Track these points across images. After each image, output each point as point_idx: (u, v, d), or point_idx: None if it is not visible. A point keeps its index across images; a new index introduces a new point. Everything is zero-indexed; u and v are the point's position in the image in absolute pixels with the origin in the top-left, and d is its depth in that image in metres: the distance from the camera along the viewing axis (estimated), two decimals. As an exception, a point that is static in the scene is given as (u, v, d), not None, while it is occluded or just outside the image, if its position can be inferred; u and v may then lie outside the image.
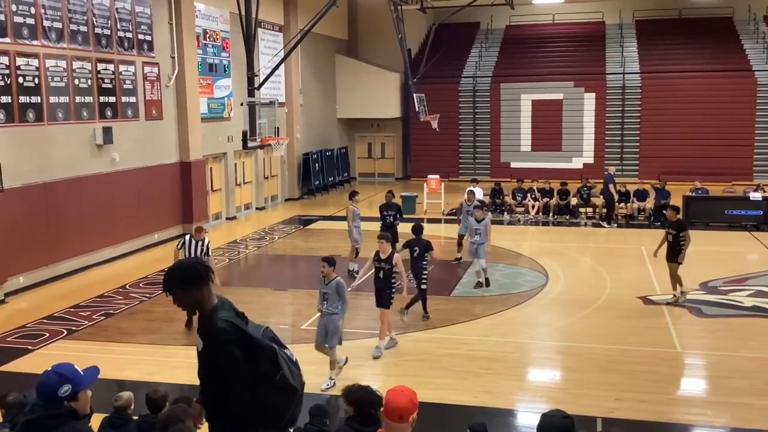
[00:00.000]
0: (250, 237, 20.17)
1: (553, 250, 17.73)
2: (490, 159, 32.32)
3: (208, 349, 3.96)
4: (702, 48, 31.40)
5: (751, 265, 16.30)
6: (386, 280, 10.57)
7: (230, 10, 21.30)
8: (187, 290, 3.95)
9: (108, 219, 16.58)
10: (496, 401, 8.94)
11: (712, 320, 12.12)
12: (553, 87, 31.37)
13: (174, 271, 4.02)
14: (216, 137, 21.65)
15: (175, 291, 3.96)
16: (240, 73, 21.38)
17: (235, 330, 3.92)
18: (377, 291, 10.70)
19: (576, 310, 12.72)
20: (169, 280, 3.98)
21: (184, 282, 3.95)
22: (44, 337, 11.47)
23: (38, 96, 14.55)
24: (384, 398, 3.69)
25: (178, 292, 3.96)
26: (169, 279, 3.98)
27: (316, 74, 29.55)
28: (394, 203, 15.65)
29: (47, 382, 3.53)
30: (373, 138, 34.15)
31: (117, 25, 16.92)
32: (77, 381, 3.57)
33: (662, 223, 20.80)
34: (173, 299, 4.01)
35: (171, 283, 3.96)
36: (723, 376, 9.70)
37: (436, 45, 30.19)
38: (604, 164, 28.88)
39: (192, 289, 3.95)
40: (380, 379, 9.45)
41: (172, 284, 3.96)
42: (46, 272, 14.79)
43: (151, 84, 18.33)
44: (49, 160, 14.89)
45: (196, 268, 4.00)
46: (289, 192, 27.15)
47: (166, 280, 3.99)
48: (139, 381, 9.27)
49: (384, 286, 10.61)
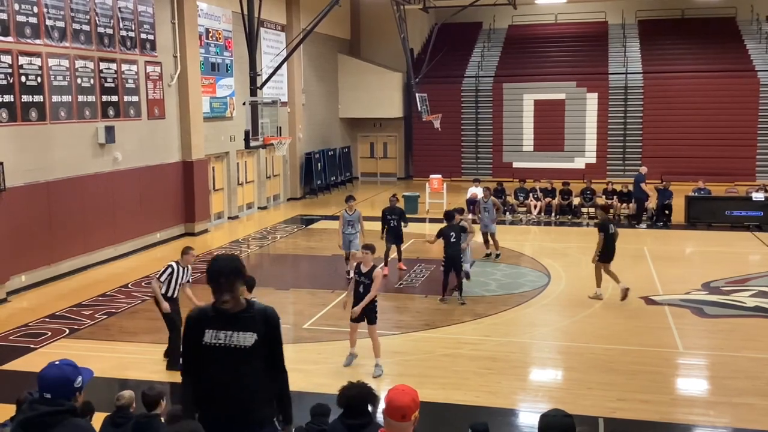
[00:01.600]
0: (252, 236, 20.18)
1: (555, 250, 17.72)
2: (492, 159, 32.31)
3: (269, 330, 4.29)
4: (705, 48, 31.36)
5: (753, 265, 16.27)
6: (366, 294, 9.69)
7: (233, 10, 21.32)
8: (240, 282, 4.23)
9: (110, 218, 16.60)
10: (497, 401, 8.93)
11: (714, 320, 12.10)
12: (556, 87, 31.35)
13: (235, 266, 4.23)
14: (218, 137, 21.66)
15: (235, 282, 4.18)
16: (242, 72, 21.39)
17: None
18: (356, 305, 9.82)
19: (578, 310, 12.71)
20: (233, 272, 4.19)
21: (241, 274, 4.23)
22: (46, 336, 11.48)
23: (41, 95, 14.57)
24: (386, 397, 3.69)
25: (237, 283, 4.20)
26: (232, 272, 4.19)
27: (318, 74, 29.55)
28: (398, 207, 15.64)
29: (62, 374, 3.51)
30: (376, 138, 34.15)
31: (119, 24, 16.93)
32: (85, 374, 3.59)
33: (664, 223, 20.85)
34: (228, 294, 4.18)
35: (236, 277, 4.18)
36: (725, 376, 9.69)
37: (438, 45, 30.20)
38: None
39: (240, 281, 4.24)
40: (382, 379, 9.45)
41: (237, 277, 4.19)
42: (48, 271, 14.80)
43: (154, 83, 18.34)
44: (52, 160, 14.90)
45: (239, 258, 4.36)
46: (291, 191, 27.16)
47: (228, 272, 4.17)
48: (141, 380, 9.27)
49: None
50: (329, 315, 12.37)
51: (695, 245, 18.82)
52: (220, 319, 4.24)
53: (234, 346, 4.21)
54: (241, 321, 4.24)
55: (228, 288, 4.16)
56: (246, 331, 4.22)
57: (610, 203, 21.76)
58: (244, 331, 4.21)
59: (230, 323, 4.23)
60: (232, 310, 4.23)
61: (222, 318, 4.24)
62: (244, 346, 4.21)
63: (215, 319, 4.25)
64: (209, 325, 4.25)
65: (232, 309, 4.24)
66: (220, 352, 4.22)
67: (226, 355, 4.22)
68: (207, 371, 4.29)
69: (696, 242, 19.10)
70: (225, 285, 4.16)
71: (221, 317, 4.24)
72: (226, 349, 4.22)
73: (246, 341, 4.21)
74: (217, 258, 4.31)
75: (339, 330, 10.71)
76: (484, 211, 16.50)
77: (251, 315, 4.26)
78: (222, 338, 4.22)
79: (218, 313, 4.25)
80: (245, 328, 4.22)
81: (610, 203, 21.76)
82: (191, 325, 4.36)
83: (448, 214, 13.54)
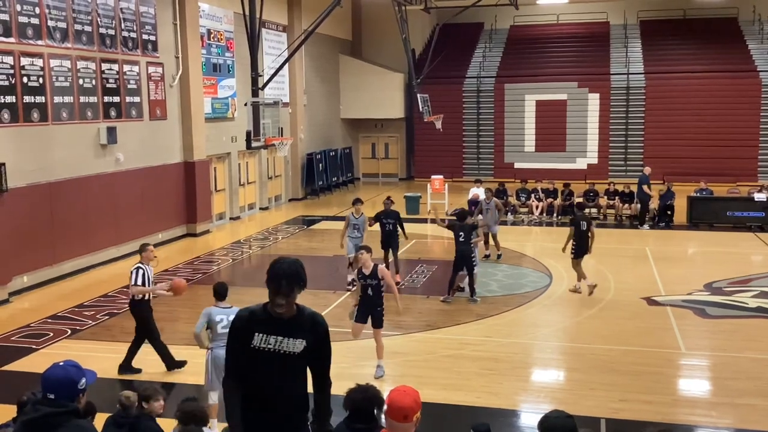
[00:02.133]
0: (253, 237, 20.19)
1: (556, 251, 17.68)
2: (493, 159, 32.30)
3: (317, 338, 4.24)
4: (706, 48, 31.34)
5: (755, 266, 16.25)
6: (375, 297, 9.56)
7: (234, 11, 21.33)
8: (299, 289, 4.16)
9: (112, 219, 16.61)
10: (499, 402, 8.92)
11: (716, 321, 12.09)
12: (557, 87, 31.34)
13: (296, 270, 4.15)
14: (220, 137, 21.67)
15: (295, 289, 4.12)
16: (244, 73, 21.39)
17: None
18: (367, 311, 9.64)
19: (580, 310, 12.70)
20: (295, 277, 4.12)
21: (301, 280, 4.16)
22: (48, 337, 11.48)
23: (42, 96, 14.58)
24: (387, 398, 3.69)
25: (296, 291, 4.14)
26: (294, 276, 4.12)
27: (319, 74, 29.56)
28: (393, 211, 14.64)
29: (66, 375, 3.51)
30: (377, 138, 34.16)
31: (121, 25, 16.94)
32: (89, 376, 3.59)
33: (666, 223, 20.83)
34: (284, 298, 4.11)
35: (296, 281, 4.12)
36: (727, 377, 9.68)
37: (439, 45, 30.19)
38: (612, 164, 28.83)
39: (299, 287, 4.18)
40: (384, 379, 9.45)
41: (297, 282, 4.13)
42: (50, 272, 14.82)
43: (155, 84, 18.35)
44: (53, 160, 14.92)
45: (302, 265, 4.24)
46: (293, 192, 27.17)
47: (290, 276, 4.10)
48: (143, 380, 9.27)
49: (375, 304, 9.61)
50: (331, 315, 12.33)
51: (697, 246, 18.81)
52: (270, 323, 4.16)
53: (283, 351, 4.15)
54: (292, 327, 4.16)
55: (287, 292, 4.09)
56: (296, 337, 4.15)
57: (612, 203, 21.78)
58: (294, 338, 4.15)
59: (281, 329, 4.15)
60: (284, 316, 4.16)
61: (273, 322, 4.16)
62: (293, 352, 4.15)
63: (266, 322, 4.17)
64: (259, 327, 4.17)
65: (285, 314, 4.17)
66: (268, 356, 4.15)
67: (274, 360, 4.14)
68: (253, 374, 4.21)
69: (698, 243, 19.08)
70: (285, 288, 4.08)
71: (272, 321, 4.16)
72: (274, 354, 4.15)
73: (295, 347, 4.15)
74: (280, 260, 4.21)
75: (341, 331, 10.68)
76: (486, 213, 16.46)
77: (301, 321, 4.20)
78: (272, 343, 4.15)
79: (269, 316, 4.18)
80: (295, 335, 4.16)
81: (612, 203, 21.79)
82: (241, 326, 4.25)
83: (461, 213, 13.75)
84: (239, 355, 4.23)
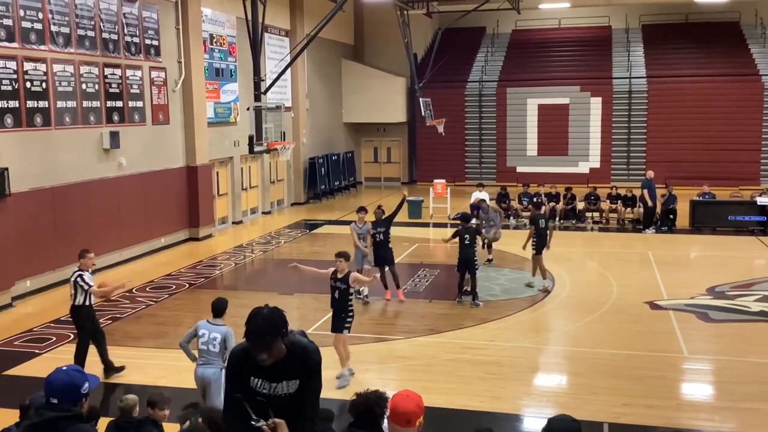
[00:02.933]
0: (256, 241, 20.20)
1: (559, 255, 17.67)
2: (496, 163, 32.30)
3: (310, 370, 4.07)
4: (709, 52, 31.34)
5: (757, 270, 16.24)
6: (342, 301, 9.53)
7: (237, 15, 21.37)
8: (280, 341, 3.90)
9: (115, 223, 16.63)
10: (502, 406, 8.92)
11: (719, 325, 12.08)
12: (560, 91, 31.34)
13: (273, 325, 3.88)
14: (222, 142, 21.70)
15: (274, 342, 3.87)
16: (246, 77, 21.43)
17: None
18: (333, 314, 9.69)
19: (582, 314, 12.69)
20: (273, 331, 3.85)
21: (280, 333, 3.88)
22: (51, 341, 11.50)
23: (45, 101, 14.61)
24: (390, 403, 3.69)
25: (279, 341, 3.89)
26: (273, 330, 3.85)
27: (322, 79, 29.60)
28: (383, 220, 13.64)
29: (71, 379, 3.52)
30: (379, 142, 34.18)
31: (124, 30, 16.99)
32: (91, 381, 3.61)
33: (669, 227, 20.82)
34: (266, 355, 3.89)
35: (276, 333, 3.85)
36: (730, 381, 9.66)
37: (442, 49, 30.22)
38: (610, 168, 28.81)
39: (280, 339, 3.91)
40: (386, 384, 9.44)
41: (276, 336, 3.85)
42: (52, 276, 14.83)
43: (158, 88, 18.39)
44: (57, 165, 14.95)
45: (280, 314, 3.94)
46: (295, 196, 27.19)
47: (269, 331, 3.83)
48: (146, 385, 9.27)
49: (339, 308, 9.57)
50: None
51: (700, 250, 18.79)
52: (263, 368, 4.05)
53: (278, 395, 4.09)
54: (285, 369, 4.06)
55: (265, 348, 3.90)
56: (290, 379, 4.07)
57: (615, 207, 21.76)
58: (288, 380, 4.07)
59: (275, 374, 4.06)
60: (274, 362, 4.03)
61: (266, 369, 4.05)
62: (287, 393, 4.09)
63: (260, 366, 4.04)
64: (254, 372, 4.07)
65: (274, 362, 4.04)
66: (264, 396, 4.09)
67: (271, 399, 4.08)
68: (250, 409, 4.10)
69: (701, 247, 19.07)
70: (264, 345, 3.90)
71: (265, 368, 4.05)
72: (271, 396, 4.09)
73: (290, 389, 4.09)
74: (257, 314, 3.96)
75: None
76: (489, 225, 16.23)
77: (293, 361, 4.05)
78: (267, 388, 4.08)
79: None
80: (289, 377, 4.07)
81: (614, 207, 21.77)
82: (236, 369, 4.15)
83: (464, 216, 13.73)
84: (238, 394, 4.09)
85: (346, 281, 9.50)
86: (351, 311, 9.64)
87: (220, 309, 7.93)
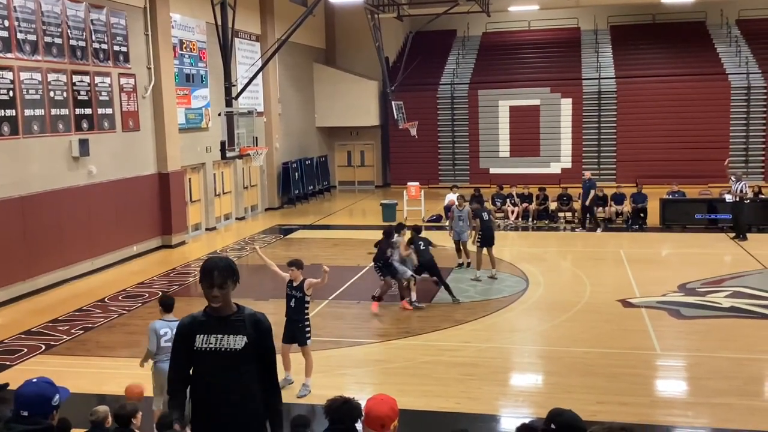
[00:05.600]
0: (230, 247, 20.07)
1: (533, 255, 17.82)
2: (469, 165, 32.44)
3: (259, 336, 4.31)
4: (676, 52, 31.76)
5: (727, 266, 16.46)
6: (298, 310, 9.32)
7: (207, 21, 21.24)
8: (232, 283, 4.22)
9: (86, 232, 16.44)
10: (478, 407, 8.95)
11: (690, 322, 12.23)
12: (530, 93, 31.58)
13: (228, 264, 4.25)
14: (194, 148, 21.55)
15: (228, 283, 4.20)
16: (217, 83, 21.29)
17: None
18: (287, 323, 9.35)
19: (556, 314, 12.78)
20: (227, 269, 4.20)
21: (234, 273, 4.25)
22: (22, 353, 11.32)
23: (13, 109, 14.41)
24: (364, 407, 3.69)
25: (230, 284, 4.22)
26: (227, 269, 4.20)
27: (294, 83, 29.53)
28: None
29: (42, 392, 3.48)
30: (353, 146, 34.16)
31: (92, 36, 16.81)
32: (62, 393, 3.56)
33: (640, 225, 21.05)
34: (219, 290, 4.18)
35: (229, 274, 4.20)
36: (703, 377, 9.79)
37: (413, 53, 30.29)
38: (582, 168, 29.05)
39: (232, 281, 4.24)
40: (362, 387, 9.44)
41: (230, 275, 4.20)
42: (23, 287, 14.61)
43: (128, 95, 18.22)
44: (26, 174, 14.74)
45: (234, 263, 4.32)
46: (269, 201, 27.07)
47: (223, 268, 4.18)
48: (120, 395, 9.15)
49: (295, 318, 9.33)
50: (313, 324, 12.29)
51: (671, 247, 19.01)
52: (210, 324, 4.28)
53: (224, 349, 4.23)
54: (231, 324, 4.27)
55: (221, 283, 4.17)
56: (236, 334, 4.25)
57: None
58: (234, 335, 4.24)
59: (220, 327, 4.26)
60: (222, 313, 4.27)
61: (212, 322, 4.28)
62: (234, 349, 4.23)
63: (206, 323, 4.29)
64: (200, 329, 4.28)
65: (223, 311, 4.28)
66: (210, 356, 4.25)
67: (217, 359, 4.23)
68: (199, 378, 4.31)
69: (671, 244, 19.30)
70: (218, 280, 4.16)
71: (212, 321, 4.28)
72: (216, 353, 4.24)
73: (236, 344, 4.23)
74: (211, 257, 4.41)
75: (319, 339, 10.66)
76: (458, 220, 16.17)
77: (241, 318, 4.30)
78: (213, 342, 4.25)
79: (208, 317, 4.30)
80: (235, 332, 4.25)
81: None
82: (183, 332, 4.35)
83: (416, 228, 14.22)
84: (183, 363, 4.34)
85: (301, 289, 9.36)
86: (307, 319, 9.46)
87: (171, 305, 8.23)
